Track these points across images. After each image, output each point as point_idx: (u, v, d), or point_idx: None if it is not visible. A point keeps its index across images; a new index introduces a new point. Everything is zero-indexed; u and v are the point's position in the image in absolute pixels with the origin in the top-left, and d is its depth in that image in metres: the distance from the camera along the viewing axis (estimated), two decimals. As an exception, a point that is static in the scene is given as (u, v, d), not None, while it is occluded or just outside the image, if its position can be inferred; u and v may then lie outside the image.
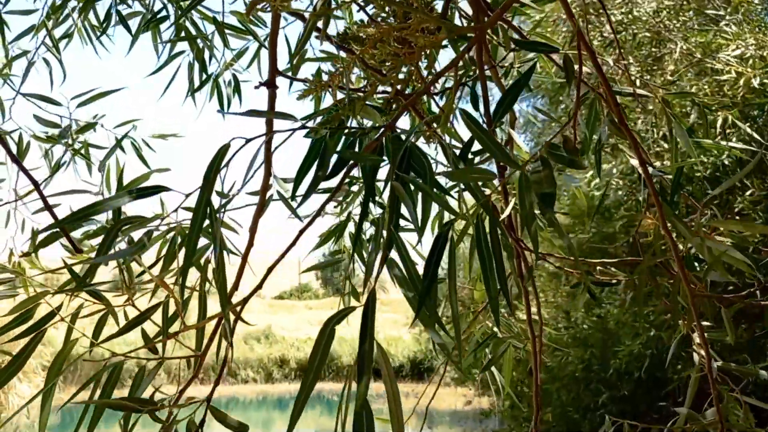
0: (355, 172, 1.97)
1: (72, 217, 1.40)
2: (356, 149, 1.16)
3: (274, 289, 79.78)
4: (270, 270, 1.62)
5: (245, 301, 1.56)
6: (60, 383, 15.78)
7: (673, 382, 5.92)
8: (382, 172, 1.09)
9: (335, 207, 2.23)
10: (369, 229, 2.38)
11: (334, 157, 1.15)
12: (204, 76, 2.54)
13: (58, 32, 2.59)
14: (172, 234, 1.53)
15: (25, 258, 1.84)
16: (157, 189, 1.21)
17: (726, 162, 4.98)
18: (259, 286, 1.59)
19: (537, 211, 1.23)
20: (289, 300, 56.01)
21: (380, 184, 1.91)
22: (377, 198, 2.02)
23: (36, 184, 1.87)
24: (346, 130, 1.17)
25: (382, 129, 1.08)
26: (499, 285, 1.08)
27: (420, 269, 1.00)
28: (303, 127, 1.16)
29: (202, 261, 1.62)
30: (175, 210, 1.34)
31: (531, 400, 8.04)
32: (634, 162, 1.63)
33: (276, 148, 1.37)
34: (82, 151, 2.48)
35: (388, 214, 1.00)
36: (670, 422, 1.56)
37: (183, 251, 1.46)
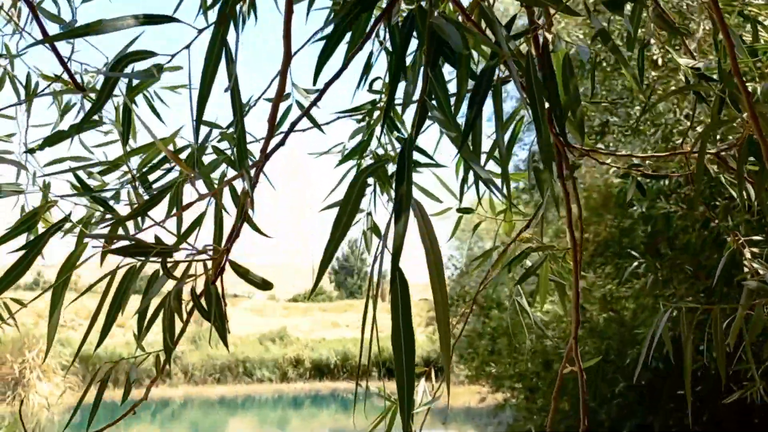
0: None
1: (65, 35, 1.35)
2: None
3: (288, 291, 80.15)
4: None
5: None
6: (79, 382, 16.10)
7: (691, 371, 6.02)
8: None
9: (359, 122, 2.06)
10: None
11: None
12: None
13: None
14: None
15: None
16: (166, 18, 1.09)
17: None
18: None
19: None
20: (303, 303, 56.32)
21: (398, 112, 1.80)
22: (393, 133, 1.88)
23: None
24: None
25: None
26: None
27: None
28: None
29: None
30: (187, 46, 1.23)
31: (545, 393, 8.22)
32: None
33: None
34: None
35: (426, 53, 0.94)
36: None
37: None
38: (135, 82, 1.37)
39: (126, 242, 1.31)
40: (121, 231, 1.53)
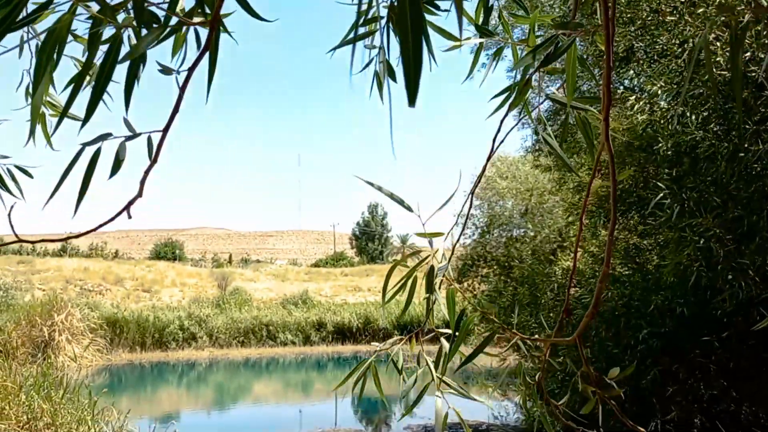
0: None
1: None
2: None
3: (311, 257, 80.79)
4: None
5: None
6: (107, 345, 16.47)
7: (716, 317, 5.93)
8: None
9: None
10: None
11: None
12: None
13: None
14: None
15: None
16: None
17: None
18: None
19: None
20: (325, 268, 56.92)
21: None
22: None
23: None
24: None
25: None
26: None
27: None
28: None
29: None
30: None
31: (568, 347, 8.18)
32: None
33: None
34: None
35: None
36: None
37: None
38: None
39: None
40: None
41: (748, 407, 7.57)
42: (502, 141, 1.44)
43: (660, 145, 5.33)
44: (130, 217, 1.29)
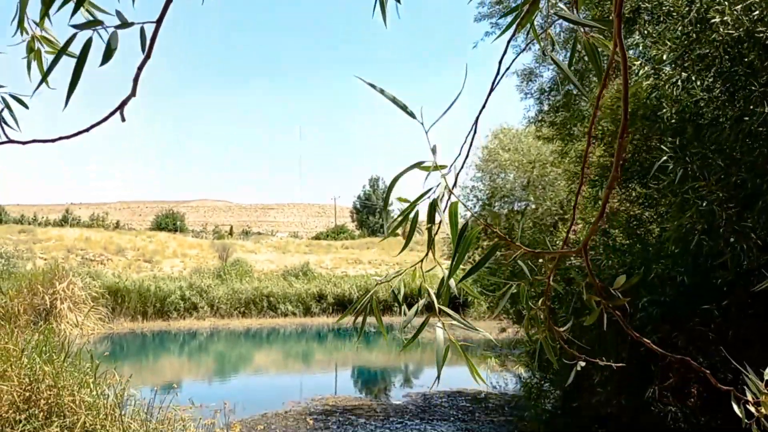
0: None
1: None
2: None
3: (312, 230, 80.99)
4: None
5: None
6: (109, 313, 16.52)
7: (717, 286, 5.93)
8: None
9: None
10: None
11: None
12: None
13: None
14: None
15: None
16: None
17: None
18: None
19: None
20: (326, 240, 57.04)
21: None
22: None
23: None
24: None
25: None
26: None
27: None
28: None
29: None
30: None
31: (566, 317, 8.20)
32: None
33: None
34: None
35: None
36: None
37: None
38: None
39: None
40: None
41: (746, 376, 7.61)
42: (508, 68, 1.41)
43: (664, 111, 5.27)
44: (123, 119, 1.25)
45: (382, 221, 74.34)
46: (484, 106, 1.43)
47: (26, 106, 1.51)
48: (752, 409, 1.42)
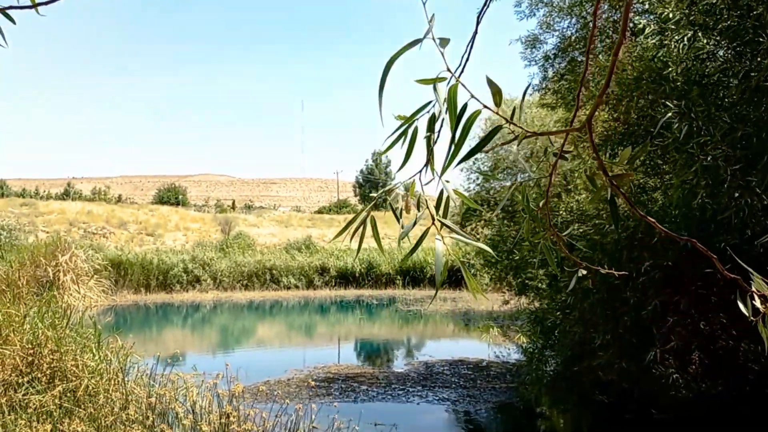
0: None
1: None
2: None
3: (314, 204, 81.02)
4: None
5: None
6: (112, 286, 16.60)
7: (720, 250, 5.90)
8: None
9: None
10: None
11: None
12: None
13: None
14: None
15: None
16: None
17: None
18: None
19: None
20: (328, 214, 57.09)
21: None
22: None
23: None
24: None
25: None
26: None
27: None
28: None
29: None
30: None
31: (567, 285, 8.19)
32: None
33: None
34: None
35: None
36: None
37: None
38: None
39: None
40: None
41: (747, 344, 7.61)
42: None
43: (670, 70, 5.18)
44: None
45: (384, 195, 74.09)
46: (485, 5, 1.37)
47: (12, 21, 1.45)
48: (758, 303, 1.38)
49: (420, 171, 1.25)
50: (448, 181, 1.25)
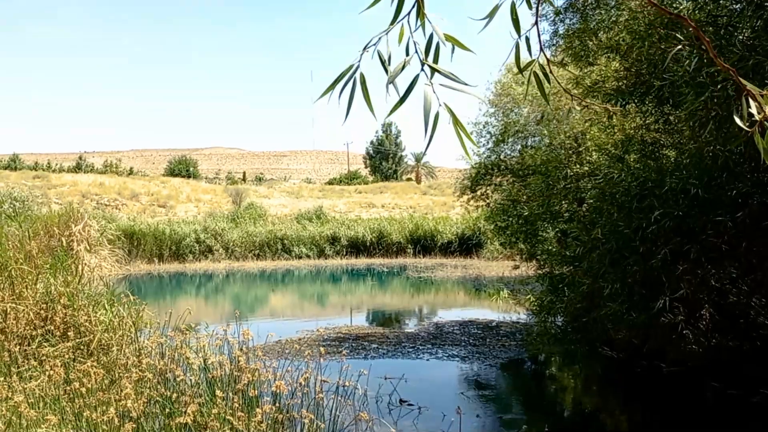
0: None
1: None
2: None
3: (325, 176, 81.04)
4: None
5: None
6: (126, 256, 16.67)
7: (731, 198, 5.84)
8: None
9: None
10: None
11: None
12: None
13: None
14: None
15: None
16: None
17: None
18: None
19: None
20: (339, 186, 57.10)
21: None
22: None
23: None
24: None
25: None
26: None
27: None
28: None
29: None
30: None
31: (576, 242, 8.16)
32: None
33: None
34: None
35: None
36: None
37: None
38: None
39: None
40: None
41: (758, 299, 7.57)
42: None
43: (683, 6, 5.09)
44: None
45: (395, 166, 74.14)
46: None
47: None
48: (753, 109, 1.35)
49: (409, 13, 1.23)
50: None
